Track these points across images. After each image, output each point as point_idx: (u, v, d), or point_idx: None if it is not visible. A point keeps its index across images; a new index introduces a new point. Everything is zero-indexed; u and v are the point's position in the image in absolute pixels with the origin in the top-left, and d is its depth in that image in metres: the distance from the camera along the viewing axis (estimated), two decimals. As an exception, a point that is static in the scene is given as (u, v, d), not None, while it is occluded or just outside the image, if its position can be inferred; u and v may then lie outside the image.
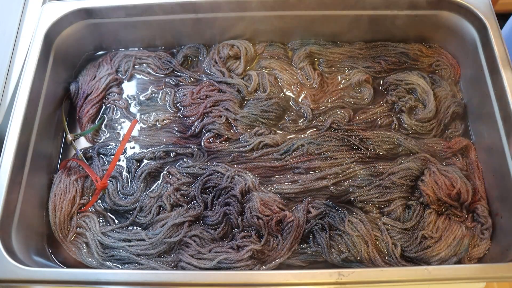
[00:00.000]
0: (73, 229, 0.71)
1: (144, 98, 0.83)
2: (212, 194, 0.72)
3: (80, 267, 0.69)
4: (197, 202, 0.72)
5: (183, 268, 0.66)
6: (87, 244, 0.70)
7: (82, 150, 0.77)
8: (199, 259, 0.66)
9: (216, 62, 0.85)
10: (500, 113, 0.71)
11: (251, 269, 0.65)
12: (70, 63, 0.86)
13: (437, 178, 0.71)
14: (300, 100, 0.82)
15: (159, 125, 0.81)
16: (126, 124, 0.81)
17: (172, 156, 0.77)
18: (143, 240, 0.69)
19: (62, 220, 0.71)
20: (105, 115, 0.82)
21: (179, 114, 0.82)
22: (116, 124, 0.81)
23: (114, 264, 0.69)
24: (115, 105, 0.83)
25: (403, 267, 0.65)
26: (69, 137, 0.78)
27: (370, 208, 0.72)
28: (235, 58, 0.86)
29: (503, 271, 0.59)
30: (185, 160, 0.76)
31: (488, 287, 0.68)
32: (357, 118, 0.80)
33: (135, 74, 0.86)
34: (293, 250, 0.67)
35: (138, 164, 0.76)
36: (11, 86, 0.79)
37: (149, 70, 0.86)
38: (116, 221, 0.73)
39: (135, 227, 0.72)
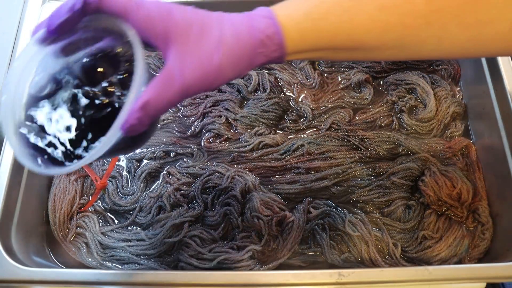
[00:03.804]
0: (73, 229, 0.71)
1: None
2: (212, 195, 0.71)
3: (80, 267, 0.69)
4: (197, 202, 0.72)
5: (183, 268, 0.66)
6: (86, 244, 0.70)
7: (82, 150, 0.77)
8: (199, 259, 0.66)
9: (216, 62, 0.85)
10: (501, 113, 0.71)
11: (251, 269, 0.65)
12: (70, 63, 0.85)
13: (437, 178, 0.71)
14: (300, 100, 0.81)
15: (159, 125, 0.81)
16: (126, 124, 0.81)
17: (172, 156, 0.77)
18: (143, 240, 0.69)
19: (61, 220, 0.71)
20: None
21: (179, 114, 0.82)
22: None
23: (114, 264, 0.69)
24: (115, 105, 0.82)
25: (403, 267, 0.65)
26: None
27: (371, 208, 0.72)
28: (235, 58, 0.85)
29: (504, 271, 0.59)
30: (185, 160, 0.76)
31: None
32: (357, 118, 0.80)
33: (135, 74, 0.86)
34: (293, 251, 0.67)
35: (138, 164, 0.76)
36: (11, 86, 0.78)
37: (149, 70, 0.86)
38: (116, 221, 0.73)
39: (135, 227, 0.72)
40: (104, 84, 0.42)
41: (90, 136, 0.42)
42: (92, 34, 0.43)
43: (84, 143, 0.42)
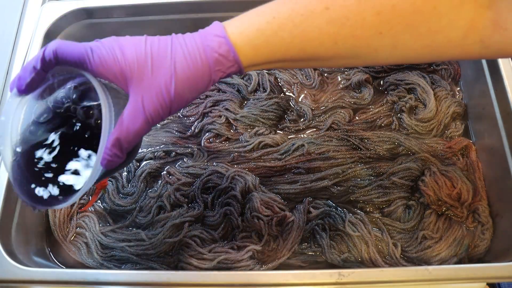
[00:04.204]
0: (73, 229, 0.71)
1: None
2: (212, 195, 0.71)
3: (80, 267, 0.69)
4: (197, 202, 0.72)
5: (183, 268, 0.66)
6: (86, 244, 0.70)
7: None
8: (199, 259, 0.66)
9: (216, 62, 0.85)
10: (501, 113, 0.71)
11: (251, 269, 0.65)
12: (70, 63, 0.85)
13: (437, 178, 0.71)
14: (300, 100, 0.81)
15: (159, 125, 0.81)
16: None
17: (172, 156, 0.77)
18: (143, 240, 0.69)
19: (61, 220, 0.71)
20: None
21: (179, 114, 0.82)
22: (116, 124, 0.81)
23: (114, 264, 0.68)
24: (115, 105, 0.82)
25: (403, 267, 0.65)
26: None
27: (371, 208, 0.72)
28: (235, 58, 0.85)
29: (503, 271, 0.59)
30: (185, 160, 0.76)
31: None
32: (357, 118, 0.80)
33: (135, 74, 0.86)
34: (293, 250, 0.67)
35: (138, 164, 0.76)
36: (11, 86, 0.79)
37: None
38: (116, 221, 0.73)
39: (135, 227, 0.72)
40: (82, 112, 0.47)
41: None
42: (63, 77, 0.46)
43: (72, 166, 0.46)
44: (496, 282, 0.70)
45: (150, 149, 0.77)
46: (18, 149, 0.46)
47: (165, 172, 0.75)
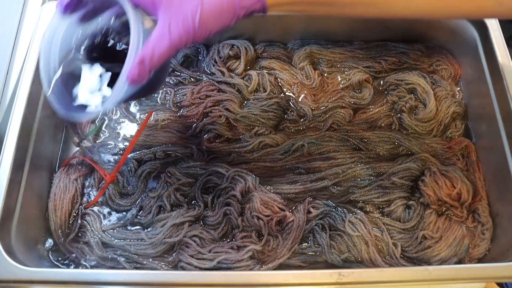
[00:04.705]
0: (73, 228, 0.71)
1: (144, 98, 0.83)
2: (212, 195, 0.71)
3: (80, 267, 0.69)
4: (197, 202, 0.72)
5: (183, 268, 0.66)
6: (87, 243, 0.70)
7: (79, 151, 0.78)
8: (199, 259, 0.66)
9: (216, 62, 0.85)
10: (501, 113, 0.71)
11: (251, 269, 0.65)
12: (70, 63, 0.85)
13: (437, 178, 0.71)
14: (300, 100, 0.81)
15: (159, 125, 0.81)
16: (126, 124, 0.81)
17: (172, 156, 0.77)
18: (143, 240, 0.69)
19: (62, 219, 0.71)
20: (105, 116, 0.82)
21: (179, 114, 0.82)
22: (116, 124, 0.81)
23: (114, 264, 0.68)
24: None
25: (404, 267, 0.65)
26: (76, 139, 0.78)
27: (371, 208, 0.72)
28: (235, 58, 0.86)
29: (503, 271, 0.59)
30: (185, 160, 0.76)
31: (488, 286, 0.68)
32: (357, 118, 0.80)
33: (135, 74, 0.86)
34: (293, 250, 0.67)
35: (138, 164, 0.76)
36: (10, 86, 0.79)
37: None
38: (116, 221, 0.73)
39: (135, 227, 0.72)
40: (118, 38, 0.54)
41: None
42: (100, 3, 0.52)
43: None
44: (496, 282, 0.70)
45: (150, 149, 0.77)
46: (59, 71, 0.52)
47: (165, 172, 0.75)
